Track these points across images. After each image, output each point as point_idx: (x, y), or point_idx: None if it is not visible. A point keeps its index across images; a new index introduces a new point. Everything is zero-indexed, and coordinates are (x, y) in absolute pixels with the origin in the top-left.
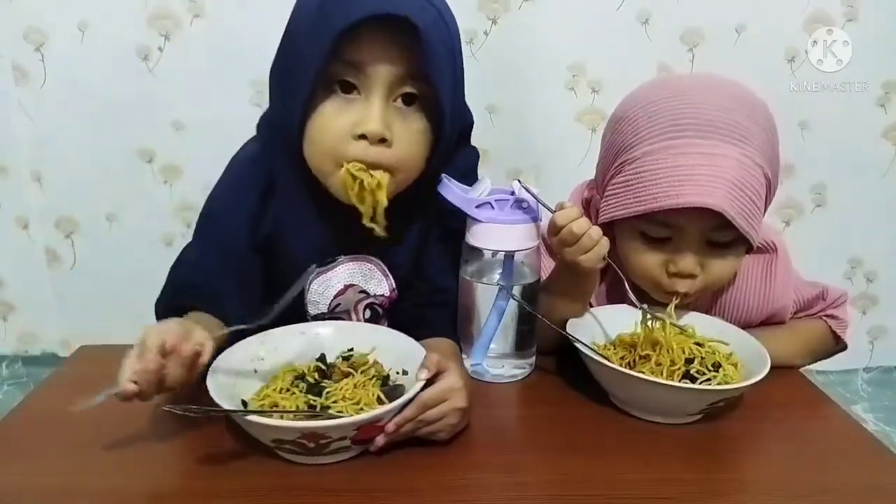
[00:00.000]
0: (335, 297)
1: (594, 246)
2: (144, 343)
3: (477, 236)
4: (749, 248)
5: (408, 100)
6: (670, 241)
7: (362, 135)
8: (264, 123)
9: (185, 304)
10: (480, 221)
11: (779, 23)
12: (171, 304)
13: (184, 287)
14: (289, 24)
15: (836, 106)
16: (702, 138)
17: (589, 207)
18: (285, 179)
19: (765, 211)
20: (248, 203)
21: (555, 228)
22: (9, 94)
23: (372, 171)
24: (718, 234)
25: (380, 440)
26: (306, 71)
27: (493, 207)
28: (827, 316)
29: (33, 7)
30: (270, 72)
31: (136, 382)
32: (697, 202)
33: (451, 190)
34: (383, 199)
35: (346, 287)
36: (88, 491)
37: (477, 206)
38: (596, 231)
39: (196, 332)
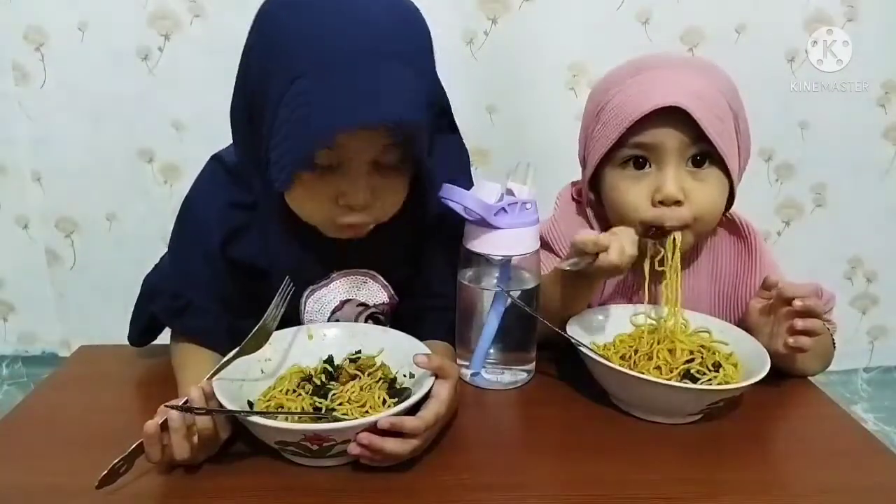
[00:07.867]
0: (332, 313)
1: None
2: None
3: (482, 242)
4: (731, 185)
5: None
6: (651, 170)
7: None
8: (240, 158)
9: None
10: (498, 228)
11: (779, 23)
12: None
13: (162, 310)
14: (245, 74)
15: (836, 106)
16: (666, 69)
17: (579, 203)
18: (266, 202)
19: (739, 151)
20: (225, 203)
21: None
22: (9, 94)
23: (359, 227)
24: (694, 149)
25: (354, 449)
26: (280, 158)
27: (506, 212)
28: (825, 321)
29: (33, 7)
30: (231, 113)
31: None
32: (664, 102)
33: (466, 197)
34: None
35: (343, 303)
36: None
37: (495, 214)
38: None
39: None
